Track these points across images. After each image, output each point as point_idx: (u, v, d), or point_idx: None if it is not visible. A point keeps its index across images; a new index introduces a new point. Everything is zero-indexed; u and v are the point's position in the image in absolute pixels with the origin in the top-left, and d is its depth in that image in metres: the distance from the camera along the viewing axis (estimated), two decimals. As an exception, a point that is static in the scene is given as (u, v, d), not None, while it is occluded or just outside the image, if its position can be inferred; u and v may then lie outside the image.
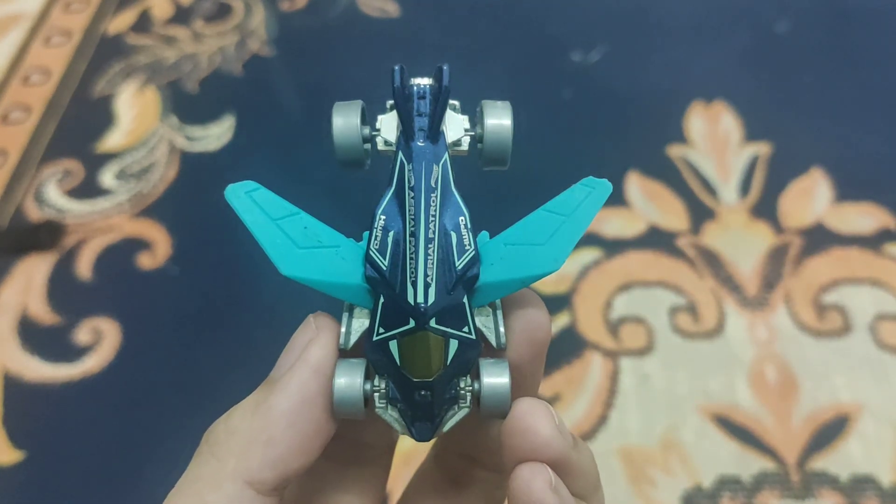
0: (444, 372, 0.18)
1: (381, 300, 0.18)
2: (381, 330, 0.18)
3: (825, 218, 0.55)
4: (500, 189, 0.59)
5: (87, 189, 0.60)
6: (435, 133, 0.19)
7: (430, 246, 0.18)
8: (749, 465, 0.44)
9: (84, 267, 0.55)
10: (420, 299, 0.17)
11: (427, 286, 0.17)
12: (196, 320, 0.53)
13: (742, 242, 0.54)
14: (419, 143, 0.19)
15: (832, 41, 0.67)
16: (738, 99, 0.62)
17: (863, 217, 0.55)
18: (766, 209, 0.55)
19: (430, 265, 0.18)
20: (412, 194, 0.18)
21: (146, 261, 0.55)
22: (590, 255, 0.53)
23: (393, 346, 0.18)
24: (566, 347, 0.49)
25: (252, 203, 0.19)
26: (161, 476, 0.48)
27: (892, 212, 0.55)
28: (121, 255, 0.56)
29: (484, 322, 0.18)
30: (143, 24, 0.73)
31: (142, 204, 0.59)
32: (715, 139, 0.60)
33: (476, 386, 0.18)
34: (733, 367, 0.48)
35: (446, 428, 0.18)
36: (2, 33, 0.73)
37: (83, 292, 0.54)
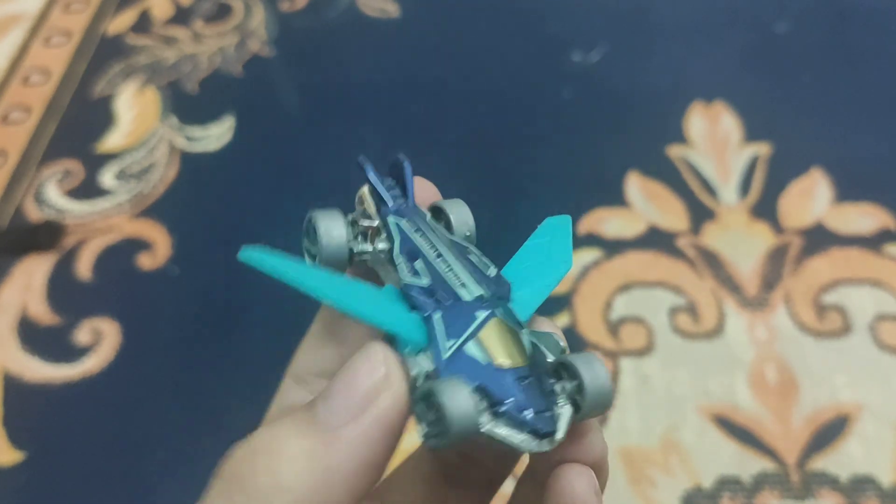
0: (533, 360, 0.17)
1: (437, 316, 0.17)
2: (451, 343, 0.17)
3: (825, 218, 0.55)
4: (501, 189, 0.59)
5: (87, 189, 0.60)
6: (411, 199, 0.21)
7: (460, 259, 0.19)
8: (749, 465, 0.44)
9: (84, 267, 0.55)
10: (477, 293, 0.18)
11: (477, 283, 0.18)
12: (196, 320, 0.53)
13: (742, 243, 0.54)
14: (404, 205, 0.20)
15: (832, 41, 0.67)
16: (737, 99, 0.62)
17: (863, 217, 0.55)
18: (765, 209, 0.55)
19: (469, 271, 0.19)
20: (422, 232, 0.19)
21: (146, 261, 0.55)
22: (590, 255, 0.53)
23: (472, 348, 0.17)
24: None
25: (271, 256, 0.18)
26: (161, 476, 0.48)
27: (891, 212, 0.55)
28: (121, 255, 0.56)
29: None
30: (142, 24, 0.73)
31: (142, 204, 0.59)
32: (715, 139, 0.60)
33: (570, 384, 0.17)
34: (733, 368, 0.48)
35: (561, 432, 0.17)
36: (2, 33, 0.73)
37: (83, 292, 0.54)
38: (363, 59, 0.68)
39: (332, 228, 0.19)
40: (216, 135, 0.63)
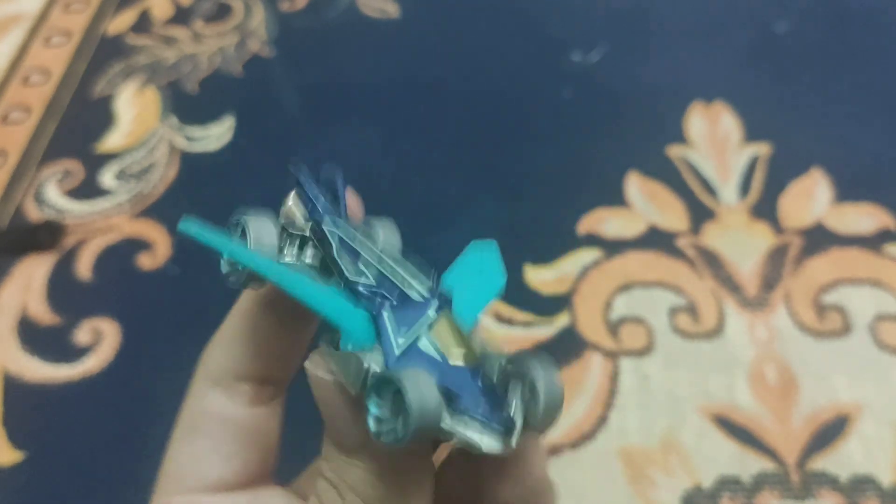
0: (485, 359, 0.17)
1: (387, 312, 0.17)
2: (401, 340, 0.17)
3: (825, 218, 0.55)
4: (501, 189, 0.59)
5: (87, 189, 0.60)
6: (343, 210, 0.20)
7: (401, 264, 0.18)
8: (749, 465, 0.44)
9: (84, 267, 0.55)
10: (425, 293, 0.17)
11: (422, 285, 0.18)
12: (196, 320, 0.53)
13: (742, 243, 0.54)
14: (336, 215, 0.20)
15: (832, 41, 0.67)
16: (737, 99, 0.62)
17: (863, 217, 0.55)
18: (765, 209, 0.55)
19: (412, 273, 0.18)
20: (359, 240, 0.19)
21: (146, 261, 0.55)
22: (590, 255, 0.53)
23: (425, 344, 0.17)
24: (566, 348, 0.49)
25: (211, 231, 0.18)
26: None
27: (891, 212, 0.55)
28: (121, 255, 0.56)
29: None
30: (142, 24, 0.73)
31: (142, 204, 0.59)
32: (715, 139, 0.60)
33: (523, 384, 0.16)
34: (733, 368, 0.48)
35: (516, 436, 0.16)
36: (2, 33, 0.73)
37: (83, 292, 0.54)
38: (363, 60, 0.68)
39: (262, 236, 0.18)
40: (216, 135, 0.63)
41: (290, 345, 0.20)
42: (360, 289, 0.17)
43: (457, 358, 0.17)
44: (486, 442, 0.16)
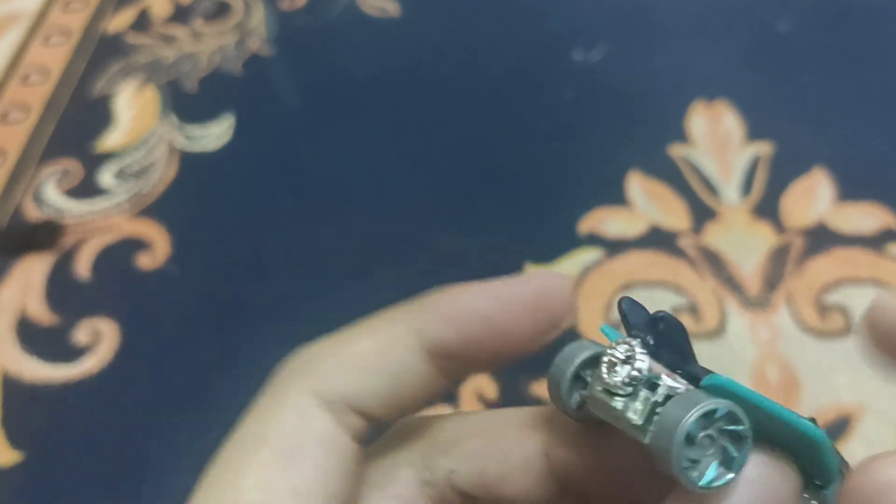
0: None
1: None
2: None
3: (827, 218, 0.55)
4: (501, 189, 0.59)
5: (86, 189, 0.60)
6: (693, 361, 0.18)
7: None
8: (751, 465, 0.44)
9: (83, 267, 0.55)
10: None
11: None
12: (196, 320, 0.52)
13: (744, 242, 0.53)
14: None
15: (834, 40, 0.67)
16: (739, 98, 0.62)
17: (865, 217, 0.55)
18: (767, 209, 0.55)
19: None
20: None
21: (146, 261, 0.55)
22: (591, 255, 0.53)
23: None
24: (567, 348, 0.49)
25: None
26: (161, 477, 0.48)
27: (894, 211, 0.55)
28: (120, 255, 0.56)
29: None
30: (142, 23, 0.73)
31: (141, 204, 0.59)
32: (716, 138, 0.60)
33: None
34: (735, 368, 0.48)
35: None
36: (1, 32, 0.73)
37: (82, 292, 0.54)
38: (363, 58, 0.68)
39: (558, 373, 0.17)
40: (216, 134, 0.63)
41: (428, 396, 0.18)
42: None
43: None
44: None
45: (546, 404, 0.19)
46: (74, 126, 0.65)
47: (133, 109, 0.66)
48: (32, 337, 0.52)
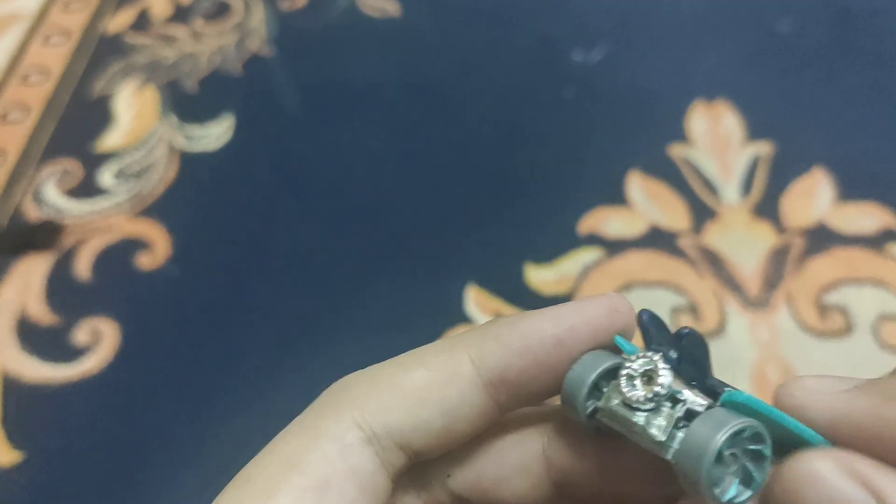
0: None
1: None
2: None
3: (827, 218, 0.55)
4: (501, 189, 0.59)
5: (86, 189, 0.60)
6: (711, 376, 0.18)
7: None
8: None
9: (83, 267, 0.55)
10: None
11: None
12: (196, 320, 0.52)
13: (743, 242, 0.53)
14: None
15: (834, 40, 0.67)
16: (739, 98, 0.62)
17: (865, 217, 0.55)
18: (767, 209, 0.55)
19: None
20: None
21: (145, 261, 0.55)
22: (591, 255, 0.53)
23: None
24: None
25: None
26: (161, 477, 0.48)
27: (894, 211, 0.55)
28: (120, 255, 0.56)
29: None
30: (142, 23, 0.73)
31: (141, 204, 0.59)
32: (716, 138, 0.60)
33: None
34: (735, 368, 0.48)
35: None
36: (1, 32, 0.73)
37: (82, 292, 0.54)
38: (363, 59, 0.68)
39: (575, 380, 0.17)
40: (216, 134, 0.63)
41: (478, 430, 0.17)
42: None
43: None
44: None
45: (543, 405, 0.19)
46: (74, 126, 0.65)
47: (133, 109, 0.66)
48: (32, 337, 0.52)
